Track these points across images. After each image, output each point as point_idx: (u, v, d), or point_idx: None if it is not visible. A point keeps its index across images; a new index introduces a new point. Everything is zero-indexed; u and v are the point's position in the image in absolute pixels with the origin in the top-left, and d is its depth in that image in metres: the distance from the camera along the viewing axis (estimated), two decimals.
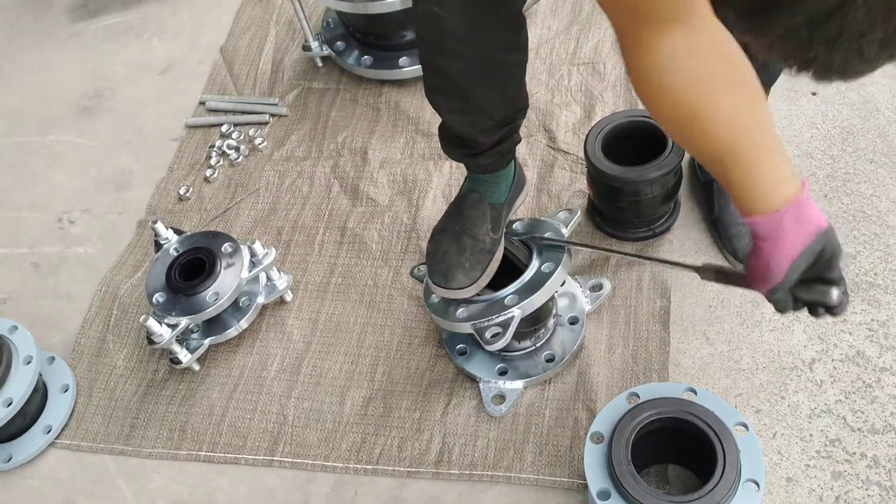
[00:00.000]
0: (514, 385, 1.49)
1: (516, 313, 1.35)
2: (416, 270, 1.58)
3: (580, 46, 2.01)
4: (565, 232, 1.48)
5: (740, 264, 1.55)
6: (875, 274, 1.53)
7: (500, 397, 1.48)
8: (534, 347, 1.51)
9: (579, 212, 1.55)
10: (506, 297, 1.37)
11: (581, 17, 2.08)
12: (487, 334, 1.34)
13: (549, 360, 1.50)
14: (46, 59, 2.42)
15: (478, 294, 1.40)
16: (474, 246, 1.41)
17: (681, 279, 1.58)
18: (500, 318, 1.35)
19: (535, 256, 1.42)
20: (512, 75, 1.33)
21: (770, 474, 1.33)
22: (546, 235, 1.46)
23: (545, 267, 1.39)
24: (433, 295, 1.45)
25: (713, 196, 1.62)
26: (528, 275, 1.39)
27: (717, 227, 1.61)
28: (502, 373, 1.50)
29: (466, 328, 1.38)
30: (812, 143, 1.74)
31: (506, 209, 1.49)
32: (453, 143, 1.42)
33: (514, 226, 1.52)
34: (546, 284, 1.37)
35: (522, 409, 1.48)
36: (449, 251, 1.42)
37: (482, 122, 1.34)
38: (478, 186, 1.48)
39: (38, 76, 2.38)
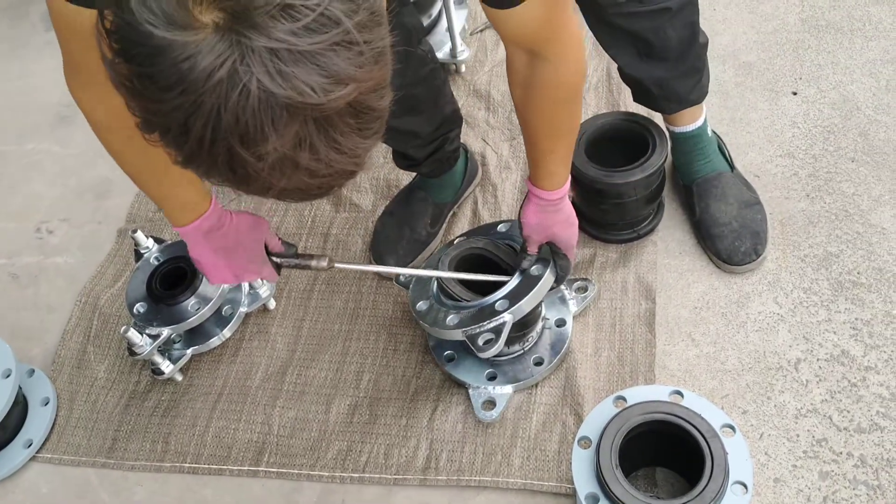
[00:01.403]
0: (503, 390, 1.48)
1: (508, 318, 1.33)
2: (401, 277, 1.56)
3: None
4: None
5: (725, 264, 1.56)
6: (858, 273, 1.53)
7: (491, 402, 1.47)
8: (522, 351, 1.50)
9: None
10: (496, 302, 1.36)
11: None
12: (480, 341, 1.33)
13: (538, 363, 1.49)
14: (23, 66, 2.39)
15: (467, 300, 1.39)
16: (411, 236, 1.67)
17: (666, 281, 1.58)
18: (492, 324, 1.33)
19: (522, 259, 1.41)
20: (427, 102, 1.53)
21: (757, 475, 1.33)
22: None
23: (535, 269, 1.38)
24: (421, 302, 1.44)
25: (693, 199, 1.62)
26: (516, 279, 1.38)
27: (700, 228, 1.61)
28: (491, 378, 1.49)
29: (458, 335, 1.36)
30: (794, 142, 1.74)
31: (449, 207, 1.73)
32: (396, 155, 1.65)
33: (499, 227, 1.51)
34: (536, 288, 1.35)
35: (510, 414, 1.47)
36: (390, 237, 1.68)
37: (411, 141, 1.56)
38: (424, 185, 1.70)
39: (14, 84, 2.35)
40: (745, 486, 1.17)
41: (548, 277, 1.37)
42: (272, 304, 1.68)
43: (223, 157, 0.66)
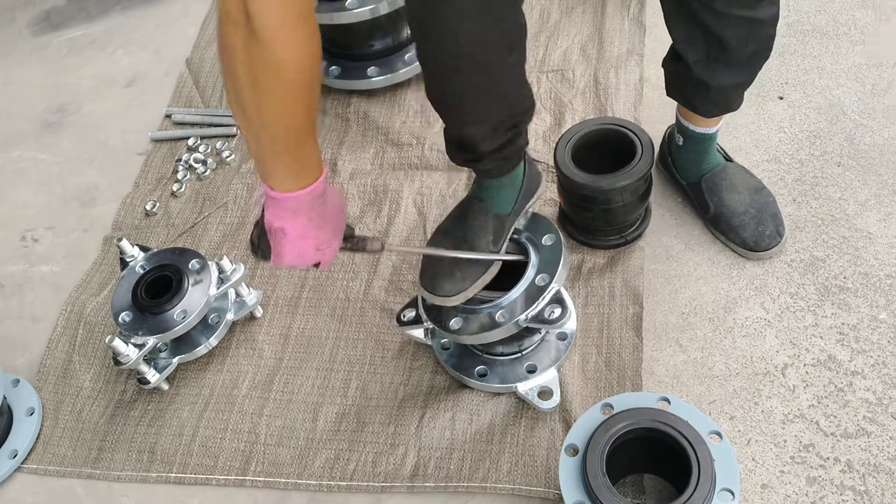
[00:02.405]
0: (548, 376, 1.47)
1: (557, 286, 1.34)
2: (402, 317, 1.51)
3: (549, 54, 2.01)
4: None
5: (753, 252, 1.57)
6: (845, 277, 1.53)
7: (546, 392, 1.45)
8: (519, 355, 1.50)
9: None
10: (535, 279, 1.36)
11: (549, 24, 2.08)
12: (550, 316, 1.32)
13: (531, 370, 1.48)
14: (9, 73, 2.38)
15: (496, 297, 1.37)
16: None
17: (654, 286, 1.58)
18: (548, 297, 1.34)
19: (532, 253, 1.40)
20: (512, 75, 1.29)
21: (745, 481, 1.33)
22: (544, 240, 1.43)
23: (546, 239, 1.39)
24: (452, 321, 1.38)
25: (704, 195, 1.62)
26: (533, 255, 1.39)
27: (719, 222, 1.61)
28: (531, 371, 1.47)
29: (522, 324, 1.34)
30: (780, 147, 1.74)
31: (511, 219, 1.44)
32: (454, 146, 1.36)
33: None
34: (561, 249, 1.37)
35: (498, 419, 1.47)
36: (445, 259, 1.38)
37: (481, 127, 1.29)
38: (482, 193, 1.43)
39: (0, 91, 2.33)
40: (731, 492, 1.17)
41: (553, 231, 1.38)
42: (259, 312, 1.67)
43: None
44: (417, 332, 1.54)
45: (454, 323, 1.38)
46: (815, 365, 1.44)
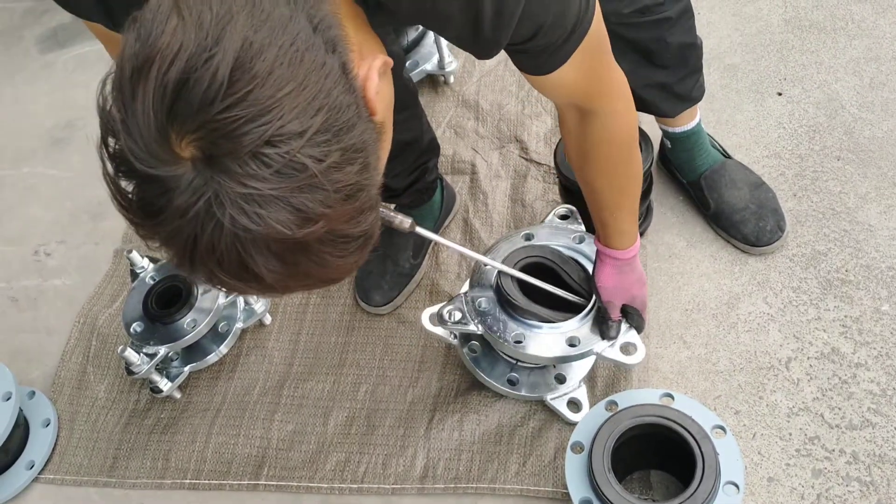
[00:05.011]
0: (577, 387, 1.45)
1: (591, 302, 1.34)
2: (447, 315, 1.40)
3: None
4: None
5: (754, 247, 1.58)
6: (846, 270, 1.54)
7: (574, 403, 1.44)
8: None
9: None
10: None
11: None
12: (612, 331, 1.32)
13: (560, 380, 1.46)
14: (17, 91, 2.42)
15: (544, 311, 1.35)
16: (395, 270, 1.66)
17: (657, 284, 1.60)
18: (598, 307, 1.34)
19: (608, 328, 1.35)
20: (406, 129, 1.51)
21: (751, 475, 1.34)
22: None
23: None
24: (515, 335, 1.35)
25: (704, 193, 1.64)
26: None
27: (720, 219, 1.62)
28: (560, 381, 1.45)
29: (602, 344, 1.33)
30: (780, 142, 1.76)
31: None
32: None
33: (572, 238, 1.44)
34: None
35: (506, 420, 1.48)
36: (373, 272, 1.66)
37: (392, 171, 1.52)
38: None
39: (9, 109, 2.37)
40: (736, 486, 1.18)
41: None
42: (268, 319, 1.70)
43: (205, 275, 0.69)
44: (443, 332, 1.48)
45: (515, 337, 1.34)
46: (818, 358, 1.45)
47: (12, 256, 1.99)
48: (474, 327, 1.36)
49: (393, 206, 1.31)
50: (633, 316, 1.34)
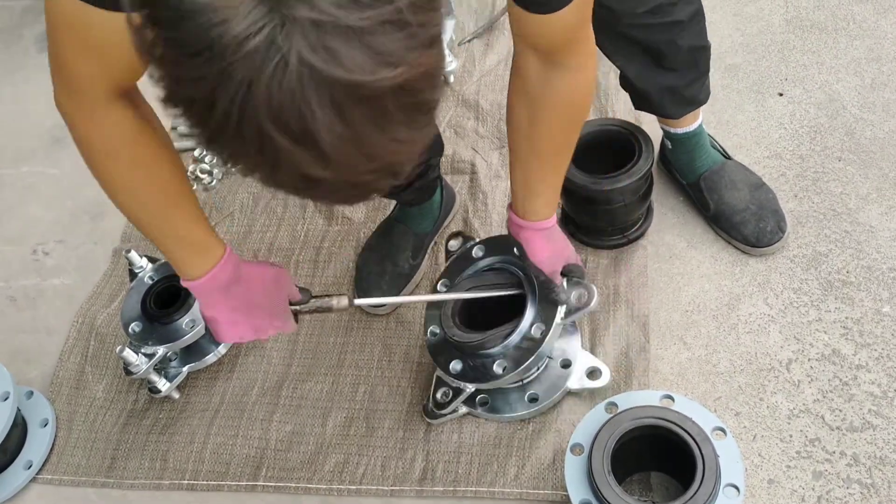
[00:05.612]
0: (590, 360, 1.47)
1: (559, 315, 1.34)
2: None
3: None
4: None
5: (755, 248, 1.57)
6: (847, 272, 1.54)
7: (594, 372, 1.45)
8: (521, 383, 1.46)
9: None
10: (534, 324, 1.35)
11: None
12: (563, 294, 1.33)
13: (533, 399, 1.46)
14: (17, 90, 2.41)
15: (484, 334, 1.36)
16: (394, 270, 1.65)
17: (657, 285, 1.59)
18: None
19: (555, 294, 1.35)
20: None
21: (752, 477, 1.34)
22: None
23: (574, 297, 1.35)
24: (453, 363, 1.39)
25: (704, 194, 1.63)
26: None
27: (720, 220, 1.61)
28: (533, 400, 1.45)
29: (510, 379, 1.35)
30: (781, 143, 1.75)
31: (430, 237, 1.70)
32: None
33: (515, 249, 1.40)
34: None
35: (504, 423, 1.48)
36: (372, 272, 1.65)
37: None
38: (404, 217, 1.68)
39: (8, 108, 2.37)
40: (737, 488, 1.18)
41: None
42: None
43: (251, 136, 0.58)
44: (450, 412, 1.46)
45: (454, 366, 1.38)
46: (819, 359, 1.45)
47: (11, 256, 1.99)
48: (467, 390, 1.39)
49: (324, 295, 1.27)
50: (572, 271, 1.35)
